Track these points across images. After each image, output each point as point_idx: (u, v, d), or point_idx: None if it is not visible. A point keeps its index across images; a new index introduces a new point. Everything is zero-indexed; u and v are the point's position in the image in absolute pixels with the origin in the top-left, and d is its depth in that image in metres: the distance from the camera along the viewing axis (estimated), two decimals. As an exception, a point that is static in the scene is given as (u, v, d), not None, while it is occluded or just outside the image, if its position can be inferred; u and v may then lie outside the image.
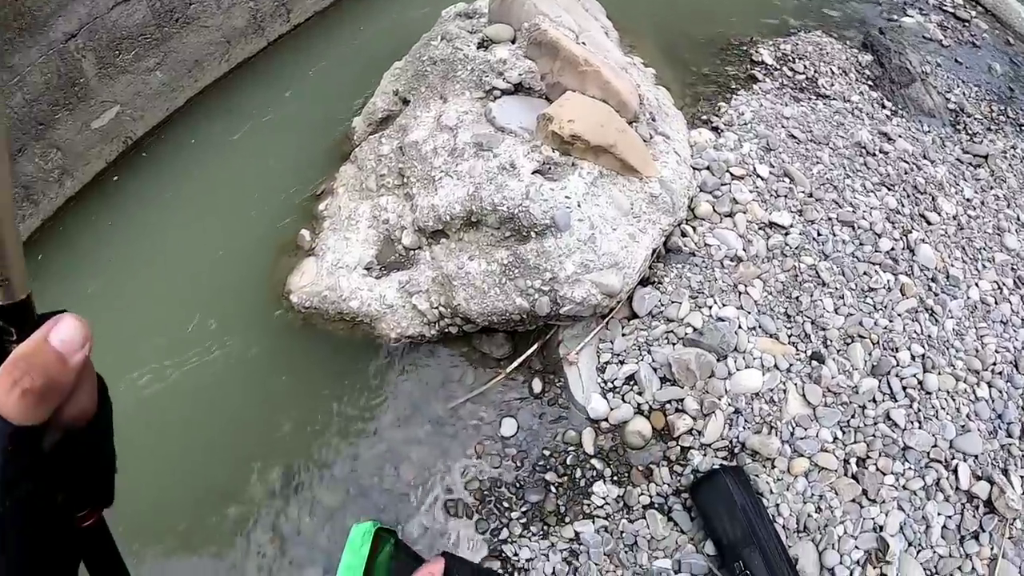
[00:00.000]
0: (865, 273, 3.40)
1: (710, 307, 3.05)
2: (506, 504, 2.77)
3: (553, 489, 2.79)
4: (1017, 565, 2.68)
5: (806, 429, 2.87)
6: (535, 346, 3.00)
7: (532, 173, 2.83)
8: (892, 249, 3.56)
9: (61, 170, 3.56)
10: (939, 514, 2.74)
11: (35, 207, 3.46)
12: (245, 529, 2.75)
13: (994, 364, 3.26)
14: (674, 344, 2.95)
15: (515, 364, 2.98)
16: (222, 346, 3.16)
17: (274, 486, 2.86)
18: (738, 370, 2.93)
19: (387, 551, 1.58)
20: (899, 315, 3.31)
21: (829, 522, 2.66)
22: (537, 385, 2.98)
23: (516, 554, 2.65)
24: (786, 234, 3.43)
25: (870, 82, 4.71)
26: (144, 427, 2.89)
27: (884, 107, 4.53)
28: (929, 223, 3.81)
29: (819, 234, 3.47)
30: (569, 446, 2.87)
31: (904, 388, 3.04)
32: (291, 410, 3.02)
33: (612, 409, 2.87)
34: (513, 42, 3.29)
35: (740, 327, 3.03)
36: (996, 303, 3.57)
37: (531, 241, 2.77)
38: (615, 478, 2.79)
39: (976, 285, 3.60)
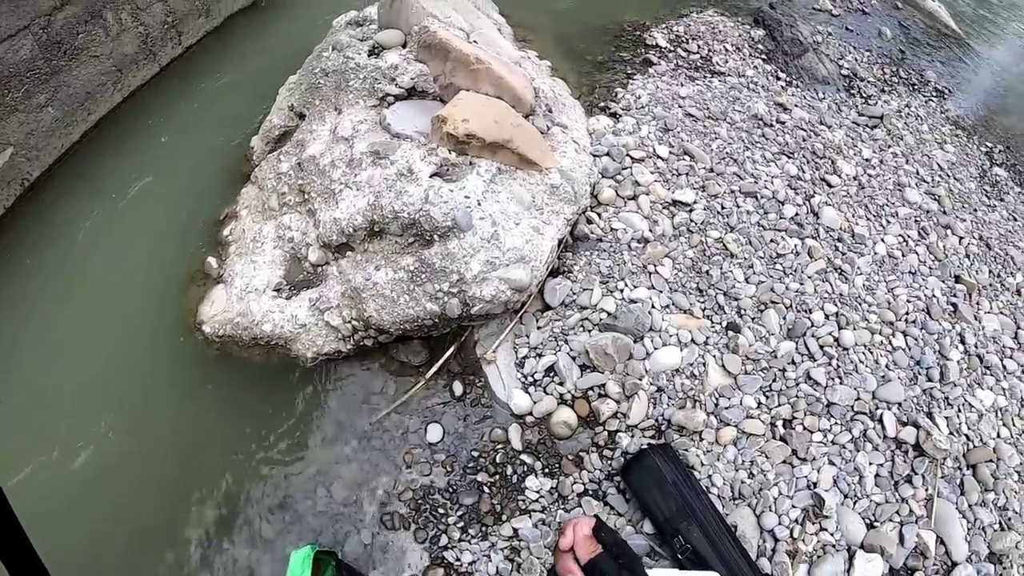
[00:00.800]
0: (772, 241, 3.50)
1: (622, 290, 3.09)
2: (441, 510, 2.75)
3: (486, 489, 2.78)
4: (953, 501, 2.80)
5: (729, 399, 2.93)
6: (451, 349, 2.99)
7: (430, 176, 2.82)
8: (796, 215, 3.67)
9: None
10: (870, 464, 2.82)
11: (-70, 260, 3.28)
12: (184, 572, 2.67)
13: (907, 314, 3.39)
14: (590, 331, 2.98)
15: (433, 369, 2.96)
16: (140, 387, 3.04)
17: (208, 523, 2.78)
18: (656, 349, 2.97)
19: (329, 573, 1.56)
20: (809, 277, 3.41)
21: (763, 485, 2.72)
22: (458, 388, 2.97)
23: (458, 559, 2.64)
24: (691, 211, 3.50)
25: (763, 56, 4.85)
26: (67, 481, 2.78)
27: (779, 79, 4.67)
28: (831, 186, 3.96)
29: (723, 207, 3.56)
30: (497, 444, 2.87)
31: (821, 347, 3.13)
32: (216, 444, 2.94)
33: (535, 402, 2.88)
34: (404, 47, 3.27)
35: (653, 307, 3.08)
36: (903, 255, 3.72)
37: (435, 245, 2.76)
38: (546, 470, 2.80)
39: (882, 240, 3.76)
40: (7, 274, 3.40)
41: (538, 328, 3.02)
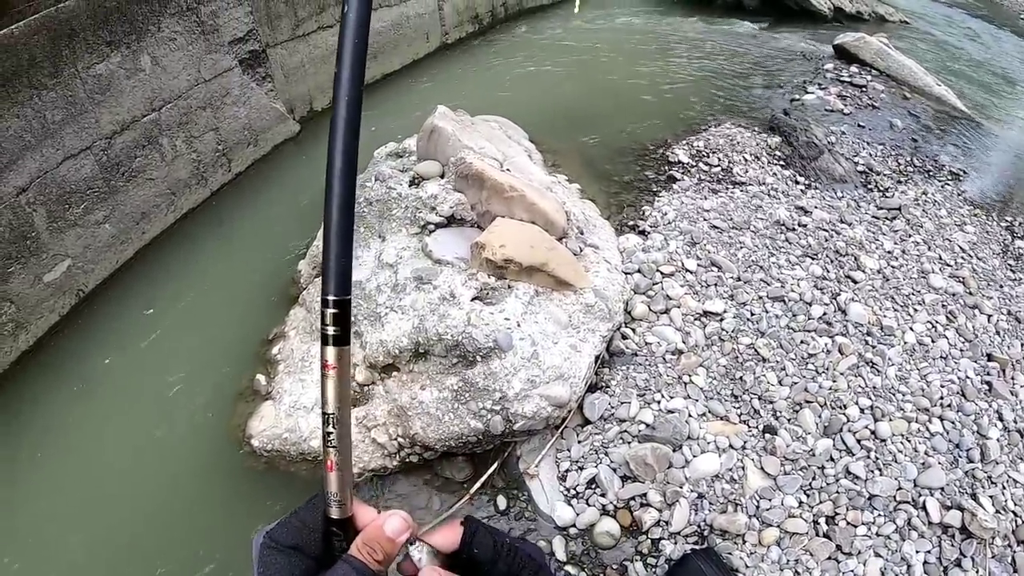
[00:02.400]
0: (802, 342, 3.57)
1: (658, 402, 3.18)
2: (487, 625, 2.77)
3: (532, 602, 2.80)
4: (1005, 580, 2.74)
5: (770, 500, 2.95)
6: (495, 465, 3.08)
7: (471, 300, 2.99)
8: (824, 314, 3.76)
9: (15, 324, 3.59)
10: (917, 552, 2.81)
11: (-11, 362, 3.46)
12: None
13: (941, 398, 3.41)
14: (629, 442, 3.05)
15: (478, 485, 3.04)
16: (187, 499, 3.15)
17: (246, 644, 2.82)
18: (695, 456, 3.03)
19: None
20: (841, 374, 3.46)
21: None
22: (502, 502, 3.03)
23: (506, 674, 2.63)
24: (721, 320, 3.62)
25: (781, 162, 5.04)
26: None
27: (798, 183, 4.84)
28: (855, 282, 4.04)
29: (752, 314, 3.67)
30: (542, 557, 2.89)
31: (859, 441, 3.16)
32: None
33: (578, 514, 2.92)
34: (442, 177, 3.52)
35: (690, 415, 3.15)
36: (933, 341, 3.75)
37: (478, 365, 2.90)
38: (591, 581, 2.83)
39: (911, 329, 3.79)
40: (61, 382, 3.60)
41: (579, 442, 3.10)
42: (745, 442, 3.13)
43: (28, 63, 3.46)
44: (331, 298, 0.60)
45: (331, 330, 0.60)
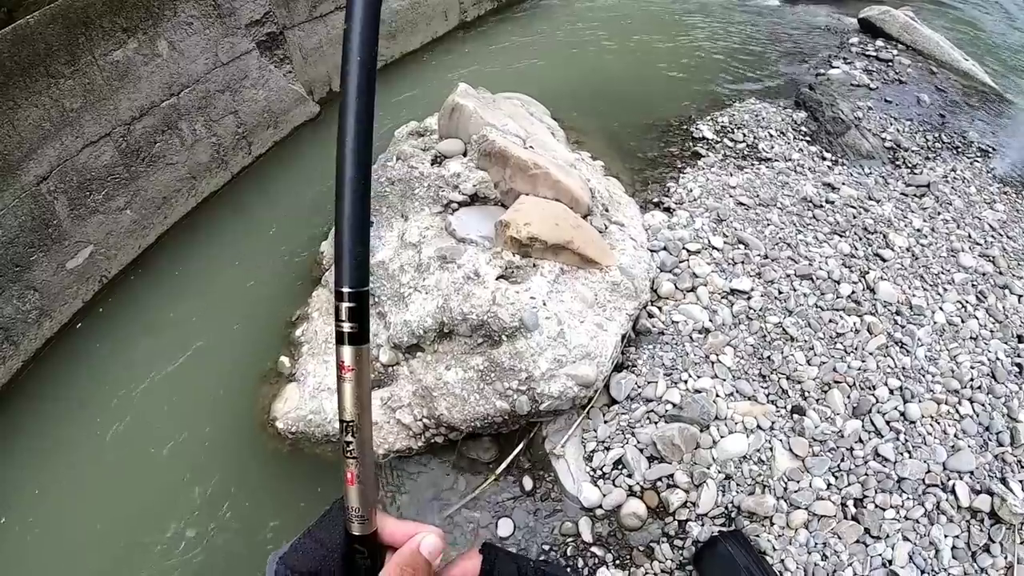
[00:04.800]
0: (831, 321, 3.52)
1: (686, 381, 3.15)
2: (513, 606, 2.76)
3: (558, 584, 2.80)
4: (1034, 567, 2.70)
5: (798, 482, 2.92)
6: (520, 445, 3.06)
7: (496, 279, 2.96)
8: (853, 293, 3.70)
9: (39, 311, 3.61)
10: (945, 536, 2.78)
11: (15, 348, 3.49)
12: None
13: (971, 380, 3.36)
14: (656, 423, 3.02)
15: (503, 465, 3.03)
16: (211, 480, 3.17)
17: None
18: (722, 437, 3.00)
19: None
20: (870, 354, 3.41)
21: (837, 567, 2.69)
22: (528, 483, 3.02)
23: (532, 655, 2.62)
24: (748, 298, 3.57)
25: (808, 138, 4.95)
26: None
27: (824, 159, 4.76)
28: (884, 260, 3.97)
29: (780, 292, 3.61)
30: (567, 537, 2.89)
31: (888, 423, 3.12)
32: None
33: (605, 495, 2.90)
34: (465, 155, 3.48)
35: (718, 396, 3.12)
36: (963, 321, 3.70)
37: (503, 344, 2.87)
38: (617, 562, 2.80)
39: (940, 309, 3.73)
40: (85, 365, 3.63)
41: (605, 422, 3.08)
42: (773, 423, 3.10)
43: (45, 52, 3.45)
44: (346, 290, 0.52)
45: (347, 327, 0.52)
